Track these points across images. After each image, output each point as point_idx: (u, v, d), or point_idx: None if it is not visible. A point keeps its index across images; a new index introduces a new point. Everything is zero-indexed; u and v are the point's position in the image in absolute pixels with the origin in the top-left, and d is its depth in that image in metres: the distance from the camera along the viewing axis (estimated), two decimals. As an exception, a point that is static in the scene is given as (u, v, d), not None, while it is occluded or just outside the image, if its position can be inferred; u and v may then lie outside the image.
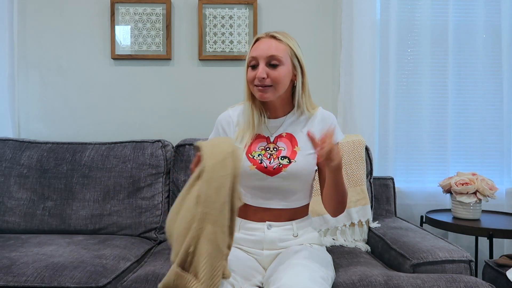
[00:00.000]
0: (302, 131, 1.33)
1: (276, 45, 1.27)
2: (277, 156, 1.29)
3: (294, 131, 1.33)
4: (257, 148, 1.31)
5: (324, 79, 2.17)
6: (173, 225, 1.06)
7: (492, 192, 1.80)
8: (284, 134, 1.33)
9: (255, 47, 1.28)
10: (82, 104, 2.16)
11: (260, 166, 1.28)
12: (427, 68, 2.14)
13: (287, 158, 1.28)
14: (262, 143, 1.32)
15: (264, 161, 1.29)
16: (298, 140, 1.31)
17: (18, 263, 1.35)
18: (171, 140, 1.99)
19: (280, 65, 1.26)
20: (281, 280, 1.04)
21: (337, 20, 2.14)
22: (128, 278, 1.34)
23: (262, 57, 1.25)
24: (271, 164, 1.28)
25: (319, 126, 1.33)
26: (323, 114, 1.36)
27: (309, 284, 1.02)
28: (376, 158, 2.11)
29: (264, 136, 1.34)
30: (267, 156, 1.30)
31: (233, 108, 1.41)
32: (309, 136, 1.14)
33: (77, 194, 1.80)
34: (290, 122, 1.34)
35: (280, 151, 1.30)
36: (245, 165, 1.28)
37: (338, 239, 1.75)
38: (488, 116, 2.16)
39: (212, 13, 2.13)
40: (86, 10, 2.14)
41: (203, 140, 1.12)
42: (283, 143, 1.32)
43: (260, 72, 1.24)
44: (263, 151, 1.31)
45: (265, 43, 1.28)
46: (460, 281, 1.24)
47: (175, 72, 2.16)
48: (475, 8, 2.14)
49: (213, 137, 1.40)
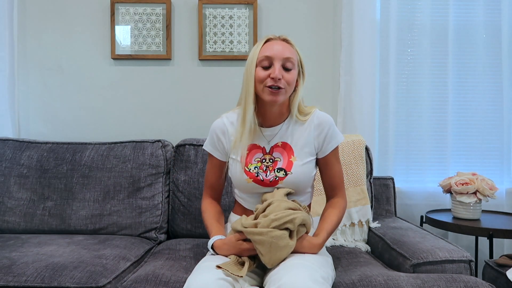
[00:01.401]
0: (298, 139, 1.31)
1: (290, 49, 1.26)
2: (273, 168, 1.28)
3: (290, 140, 1.31)
4: (253, 160, 1.30)
5: (324, 79, 2.17)
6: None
7: (492, 192, 1.80)
8: (279, 144, 1.31)
9: (269, 47, 1.25)
10: (82, 104, 2.16)
11: (256, 179, 1.28)
12: (427, 68, 2.14)
13: (283, 171, 1.28)
14: (258, 155, 1.31)
15: (260, 174, 1.28)
16: (294, 149, 1.30)
17: (18, 263, 1.35)
18: (171, 140, 1.99)
19: (293, 69, 1.26)
20: (281, 280, 1.04)
21: (337, 20, 2.14)
22: (128, 278, 1.34)
23: (278, 58, 1.23)
24: (267, 177, 1.28)
25: (315, 132, 1.31)
26: (319, 119, 1.32)
27: (310, 283, 1.02)
28: (376, 158, 2.11)
29: (260, 146, 1.32)
30: (263, 168, 1.29)
31: (227, 114, 1.38)
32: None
33: (77, 194, 1.80)
34: (286, 130, 1.32)
35: (276, 162, 1.29)
36: (242, 178, 1.29)
37: (338, 239, 1.75)
38: (488, 116, 2.16)
39: (212, 13, 2.13)
40: (86, 10, 2.14)
41: (203, 141, 1.12)
42: (279, 153, 1.30)
43: (277, 72, 1.21)
44: (259, 163, 1.30)
45: (279, 44, 1.26)
46: (460, 281, 1.24)
47: (175, 72, 2.16)
48: (475, 8, 2.14)
49: (208, 145, 1.38)
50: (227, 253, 1.20)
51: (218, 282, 1.05)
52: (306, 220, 1.17)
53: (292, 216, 1.13)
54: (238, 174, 1.30)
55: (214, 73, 2.16)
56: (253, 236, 1.13)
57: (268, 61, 1.24)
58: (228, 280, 1.08)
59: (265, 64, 1.24)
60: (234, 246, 1.19)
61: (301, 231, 1.18)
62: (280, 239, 1.11)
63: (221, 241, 1.23)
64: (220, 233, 1.29)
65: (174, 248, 1.62)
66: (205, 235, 1.44)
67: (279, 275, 1.06)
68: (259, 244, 1.12)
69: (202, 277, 1.07)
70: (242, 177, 1.29)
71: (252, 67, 1.25)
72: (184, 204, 1.82)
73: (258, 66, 1.25)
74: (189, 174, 1.84)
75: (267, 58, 1.24)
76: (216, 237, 1.26)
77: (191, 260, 1.48)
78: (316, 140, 1.31)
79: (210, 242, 1.26)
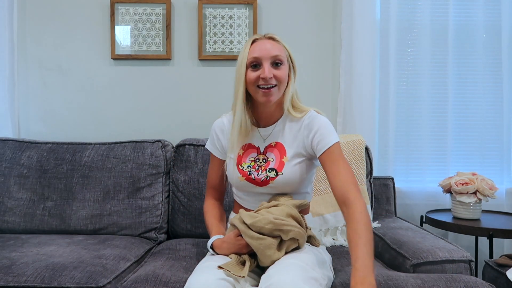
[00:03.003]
0: (290, 139, 1.31)
1: (277, 46, 1.28)
2: (265, 168, 1.29)
3: (283, 140, 1.32)
4: (248, 159, 1.32)
5: (324, 79, 2.17)
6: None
7: (492, 192, 1.80)
8: (273, 144, 1.32)
9: (256, 48, 1.26)
10: (82, 104, 2.16)
11: (248, 177, 1.30)
12: (427, 68, 2.14)
13: (274, 171, 1.28)
14: (253, 154, 1.33)
15: (252, 172, 1.30)
16: (287, 149, 1.31)
17: (18, 263, 1.35)
18: (171, 140, 1.99)
19: (283, 64, 1.27)
20: (272, 279, 1.03)
21: (337, 20, 2.14)
22: (128, 278, 1.34)
23: (266, 57, 1.24)
24: (259, 176, 1.29)
25: (305, 132, 1.30)
26: (309, 119, 1.30)
27: (300, 283, 1.01)
28: (376, 158, 2.11)
29: (255, 146, 1.34)
30: (255, 167, 1.31)
31: (227, 115, 1.41)
32: None
33: (77, 194, 1.80)
34: (280, 129, 1.33)
35: (268, 162, 1.30)
36: (235, 175, 1.32)
37: (338, 239, 1.75)
38: (488, 116, 2.16)
39: (212, 13, 2.13)
40: (86, 10, 2.14)
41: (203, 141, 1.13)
42: (272, 153, 1.31)
43: (267, 71, 1.23)
44: (253, 163, 1.32)
45: (265, 43, 1.27)
46: (460, 281, 1.24)
47: (175, 72, 2.16)
48: (475, 8, 2.14)
49: (210, 144, 1.43)
50: (227, 251, 1.21)
51: (218, 282, 1.05)
52: (301, 238, 1.18)
53: (288, 228, 1.14)
54: (232, 171, 1.33)
55: (214, 73, 2.16)
56: (245, 236, 1.17)
57: (256, 61, 1.26)
58: (228, 280, 1.07)
59: (255, 64, 1.26)
60: (233, 243, 1.20)
61: (291, 245, 1.18)
62: (267, 248, 1.13)
63: (220, 240, 1.24)
64: (220, 233, 1.30)
65: (174, 248, 1.62)
66: (205, 235, 1.45)
67: (271, 273, 1.06)
68: (250, 244, 1.16)
69: (203, 277, 1.07)
70: (235, 175, 1.32)
71: (242, 70, 1.26)
72: (184, 204, 1.82)
73: (248, 68, 1.27)
74: (189, 174, 1.83)
75: (255, 59, 1.25)
76: (216, 236, 1.27)
77: (191, 260, 1.48)
78: (306, 140, 1.29)
79: (209, 242, 1.26)
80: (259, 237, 1.14)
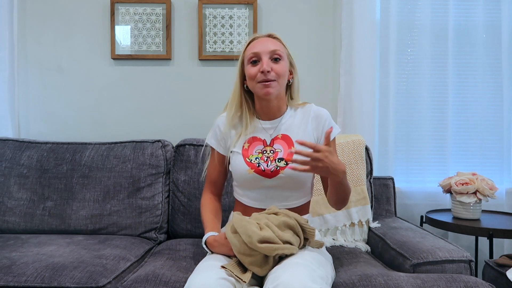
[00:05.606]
0: (298, 131, 1.33)
1: (276, 42, 1.31)
2: (274, 158, 1.30)
3: (290, 132, 1.34)
4: (254, 152, 1.32)
5: (324, 79, 2.17)
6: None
7: (492, 192, 1.80)
8: (280, 136, 1.34)
9: (255, 45, 1.30)
10: (82, 104, 2.16)
11: (258, 169, 1.29)
12: (427, 68, 2.14)
13: (283, 161, 1.29)
14: (259, 146, 1.33)
15: (261, 164, 1.30)
16: (294, 140, 1.32)
17: (18, 263, 1.35)
18: (171, 140, 1.99)
19: (282, 60, 1.29)
20: (280, 279, 1.03)
21: (337, 20, 2.14)
22: (128, 278, 1.34)
23: (265, 52, 1.27)
24: (269, 167, 1.29)
25: (313, 125, 1.34)
26: (315, 112, 1.36)
27: (308, 283, 1.01)
28: (376, 158, 2.11)
29: (261, 138, 1.34)
30: (264, 159, 1.31)
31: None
32: (299, 143, 1.12)
33: (77, 194, 1.80)
34: (285, 122, 1.35)
35: (277, 153, 1.31)
36: (244, 169, 1.30)
37: (338, 239, 1.75)
38: (488, 116, 2.16)
39: (212, 13, 2.13)
40: (86, 10, 2.14)
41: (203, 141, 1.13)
42: (279, 145, 1.32)
43: (266, 65, 1.25)
44: (260, 154, 1.32)
45: (264, 40, 1.31)
46: (460, 281, 1.24)
47: (175, 72, 2.16)
48: (475, 8, 2.14)
49: (211, 139, 1.42)
50: (218, 250, 1.22)
51: (219, 282, 1.05)
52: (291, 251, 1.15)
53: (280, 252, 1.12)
54: (239, 165, 1.32)
55: (214, 73, 2.16)
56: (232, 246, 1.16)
57: (256, 57, 1.28)
58: (229, 280, 1.08)
59: (254, 59, 1.29)
60: (223, 244, 1.21)
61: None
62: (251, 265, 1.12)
63: (213, 237, 1.26)
64: (214, 229, 1.31)
65: (174, 248, 1.62)
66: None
67: (278, 274, 1.06)
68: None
69: (203, 277, 1.07)
70: (243, 169, 1.31)
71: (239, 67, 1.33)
72: (184, 204, 1.82)
73: (248, 64, 1.30)
74: (189, 174, 1.84)
75: (255, 54, 1.29)
76: (209, 233, 1.28)
77: (191, 260, 1.48)
78: (315, 132, 1.34)
79: (203, 239, 1.28)
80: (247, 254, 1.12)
